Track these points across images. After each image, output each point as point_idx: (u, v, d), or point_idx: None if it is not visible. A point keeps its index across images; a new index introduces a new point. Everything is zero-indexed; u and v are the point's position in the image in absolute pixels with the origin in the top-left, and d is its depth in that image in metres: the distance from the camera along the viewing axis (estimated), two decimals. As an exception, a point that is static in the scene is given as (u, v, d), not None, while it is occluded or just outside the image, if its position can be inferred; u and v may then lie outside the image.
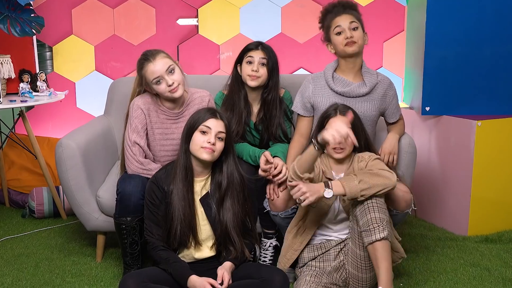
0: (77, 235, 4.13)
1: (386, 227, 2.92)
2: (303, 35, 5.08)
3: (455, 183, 4.15)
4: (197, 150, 3.10)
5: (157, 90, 3.36)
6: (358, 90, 3.51)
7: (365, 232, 2.93)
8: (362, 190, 2.94)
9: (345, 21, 3.44)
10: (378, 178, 2.99)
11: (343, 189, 2.95)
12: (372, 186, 2.95)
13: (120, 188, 3.32)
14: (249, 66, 3.58)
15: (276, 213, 3.37)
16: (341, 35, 3.45)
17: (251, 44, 3.62)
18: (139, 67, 3.40)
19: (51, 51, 4.93)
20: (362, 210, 2.96)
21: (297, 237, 3.27)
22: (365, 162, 3.19)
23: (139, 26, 4.99)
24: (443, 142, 4.22)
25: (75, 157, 3.48)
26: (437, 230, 4.23)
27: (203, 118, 3.13)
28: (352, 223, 3.07)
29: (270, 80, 3.60)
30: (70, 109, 5.06)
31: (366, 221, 2.93)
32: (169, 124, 3.47)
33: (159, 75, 3.33)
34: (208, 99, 3.58)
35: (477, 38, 4.09)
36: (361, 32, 3.47)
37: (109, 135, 4.00)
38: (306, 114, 3.60)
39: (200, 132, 3.11)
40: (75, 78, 5.02)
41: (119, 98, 4.07)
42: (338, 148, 3.18)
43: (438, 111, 4.21)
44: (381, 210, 2.95)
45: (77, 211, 3.60)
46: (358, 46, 3.46)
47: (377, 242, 2.91)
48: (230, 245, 3.15)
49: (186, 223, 3.11)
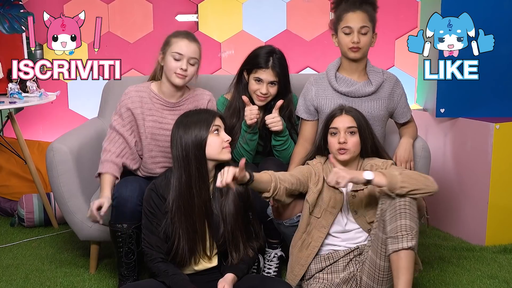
0: (69, 245, 4.14)
1: (414, 237, 2.89)
2: (310, 32, 5.09)
3: (472, 189, 4.15)
4: (219, 153, 3.11)
5: (168, 64, 3.41)
6: (364, 90, 3.51)
7: (392, 239, 2.90)
8: (402, 182, 2.92)
9: (357, 22, 3.43)
10: (421, 177, 2.99)
11: (384, 178, 2.93)
12: (413, 181, 2.94)
13: (116, 193, 3.32)
14: (257, 84, 3.57)
15: (281, 221, 3.36)
16: (348, 37, 3.45)
17: (260, 58, 3.57)
18: (173, 35, 3.48)
19: (42, 49, 4.94)
20: (392, 215, 2.93)
21: (303, 251, 3.25)
22: (381, 169, 3.18)
23: (135, 22, 5.00)
24: (459, 146, 4.22)
25: (67, 162, 3.49)
26: (452, 239, 4.24)
27: (211, 119, 3.13)
28: (377, 229, 3.04)
29: (279, 95, 3.62)
30: (62, 111, 5.07)
31: (395, 227, 2.90)
32: (164, 113, 3.49)
33: (184, 54, 3.40)
34: (209, 98, 3.60)
35: (495, 35, 4.08)
36: (369, 36, 3.46)
37: (103, 138, 4.00)
38: (310, 117, 3.61)
39: (213, 134, 3.11)
40: (67, 78, 5.03)
41: (114, 99, 4.07)
42: (342, 149, 3.18)
43: (454, 113, 4.21)
44: (413, 219, 2.92)
45: (70, 219, 3.60)
46: (362, 52, 3.47)
47: (403, 251, 2.88)
48: (232, 248, 3.15)
49: (193, 238, 3.10)
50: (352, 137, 3.20)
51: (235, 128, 3.60)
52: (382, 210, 3.00)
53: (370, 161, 3.26)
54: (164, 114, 3.49)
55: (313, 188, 3.22)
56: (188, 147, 3.08)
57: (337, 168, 3.00)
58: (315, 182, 3.24)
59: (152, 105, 3.48)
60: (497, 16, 4.08)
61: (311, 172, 3.27)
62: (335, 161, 3.15)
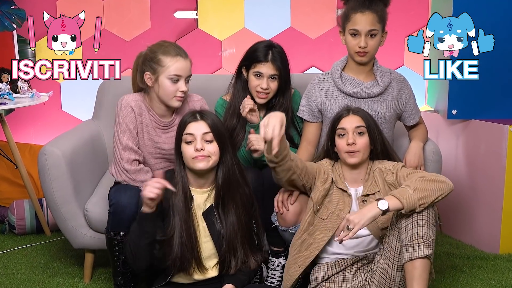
0: (62, 253, 4.15)
1: (431, 245, 2.88)
2: (315, 29, 5.09)
3: (485, 195, 4.15)
4: (190, 162, 3.11)
5: (166, 88, 3.36)
6: (370, 90, 3.52)
7: (407, 247, 2.88)
8: (420, 199, 2.88)
9: (365, 25, 3.41)
10: (434, 183, 2.96)
11: (399, 202, 2.88)
12: (429, 193, 2.92)
13: (114, 199, 3.32)
14: (257, 80, 3.58)
15: (286, 228, 3.36)
16: (355, 39, 3.44)
17: (259, 52, 3.59)
18: (162, 51, 3.39)
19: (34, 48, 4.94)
20: (408, 222, 2.91)
21: (302, 251, 3.25)
22: (392, 173, 3.18)
23: (131, 19, 5.01)
24: (472, 149, 4.23)
25: (60, 166, 3.50)
26: (465, 247, 4.24)
27: (183, 126, 3.14)
28: (391, 237, 3.02)
29: (280, 91, 3.63)
30: (54, 113, 5.08)
31: (411, 235, 2.88)
32: (158, 133, 3.48)
33: (182, 75, 3.36)
34: (200, 104, 3.57)
35: (509, 33, 4.09)
36: (378, 39, 3.46)
37: (98, 141, 4.01)
38: (313, 119, 3.61)
39: (185, 143, 3.12)
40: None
41: (109, 100, 4.09)
42: (351, 151, 3.18)
43: (466, 115, 4.22)
44: (430, 226, 2.91)
45: (63, 226, 3.61)
46: (369, 56, 3.47)
47: (418, 259, 2.86)
48: (232, 257, 3.16)
49: (189, 247, 3.12)
50: (361, 137, 3.21)
51: (237, 129, 3.61)
52: (397, 217, 2.99)
53: (379, 165, 3.26)
54: (158, 133, 3.49)
55: (320, 187, 3.23)
56: (175, 149, 3.19)
57: (348, 215, 2.92)
58: (323, 180, 3.24)
59: (149, 122, 3.47)
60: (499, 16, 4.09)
61: (320, 169, 3.27)
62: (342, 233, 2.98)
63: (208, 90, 3.78)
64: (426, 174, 3.05)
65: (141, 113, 3.44)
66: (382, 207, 2.88)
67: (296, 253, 3.27)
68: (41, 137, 5.03)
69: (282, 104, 3.64)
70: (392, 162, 3.26)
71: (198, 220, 3.18)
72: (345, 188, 3.23)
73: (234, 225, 3.15)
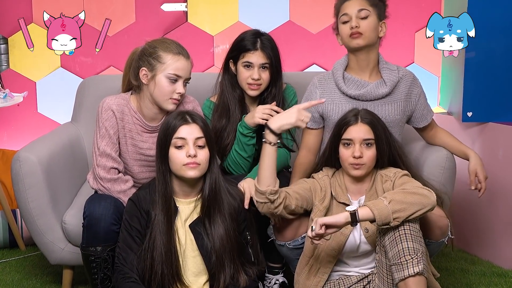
0: (38, 270, 4.15)
1: (421, 260, 2.89)
2: (316, 23, 5.10)
3: (504, 205, 4.16)
4: (180, 170, 3.12)
5: (162, 87, 3.36)
6: (377, 91, 3.51)
7: (396, 266, 2.90)
8: (394, 212, 2.89)
9: (354, 7, 3.45)
10: (413, 196, 2.95)
11: (371, 213, 2.90)
12: (406, 206, 2.92)
13: (88, 211, 3.32)
14: (247, 71, 3.59)
15: (283, 242, 3.37)
16: (347, 25, 3.47)
17: (247, 40, 3.61)
18: (162, 47, 3.39)
19: (6, 44, 4.95)
20: (392, 239, 2.93)
21: (310, 279, 3.25)
22: (391, 181, 3.19)
23: (114, 12, 5.01)
24: (489, 155, 4.23)
25: (36, 173, 3.50)
26: (481, 263, 4.25)
27: (173, 128, 3.14)
28: (379, 254, 3.05)
29: (272, 82, 3.63)
30: (29, 115, 5.08)
31: (397, 252, 2.90)
32: (145, 138, 3.48)
33: (181, 75, 3.37)
34: (193, 106, 3.57)
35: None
36: (372, 22, 3.46)
37: (78, 146, 4.02)
38: (314, 125, 3.60)
39: (175, 147, 3.13)
40: (35, 76, 5.05)
41: (89, 101, 4.09)
42: (356, 164, 3.18)
43: (483, 117, 4.23)
44: (415, 239, 2.92)
45: (39, 240, 3.61)
46: (365, 38, 3.45)
47: (410, 278, 2.87)
48: (220, 273, 3.17)
49: (169, 263, 3.14)
50: (368, 149, 3.20)
51: (227, 130, 3.61)
52: (380, 233, 3.01)
53: (381, 171, 3.27)
54: (144, 137, 3.49)
55: (319, 206, 3.23)
56: (157, 158, 3.20)
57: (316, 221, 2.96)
58: (321, 198, 3.24)
59: (133, 126, 3.46)
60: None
61: (315, 187, 3.27)
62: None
63: (198, 90, 3.78)
64: (410, 187, 3.04)
65: (123, 117, 3.44)
66: (349, 209, 2.92)
67: (305, 282, 3.26)
68: (14, 142, 5.04)
69: (275, 95, 3.64)
70: (395, 169, 3.26)
71: (185, 233, 3.19)
72: (347, 201, 3.24)
73: (222, 237, 3.16)
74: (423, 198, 2.96)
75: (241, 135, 3.51)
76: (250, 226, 3.28)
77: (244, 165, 3.56)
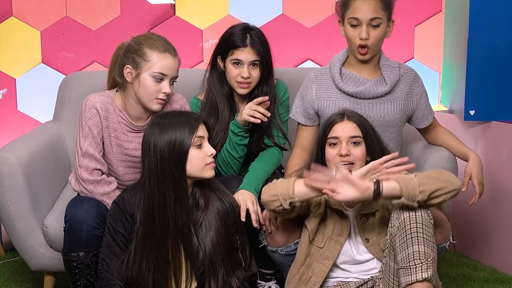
0: (18, 276, 4.15)
1: (431, 266, 2.86)
2: (311, 17, 5.10)
3: (508, 208, 4.17)
4: (202, 171, 3.15)
5: (147, 87, 3.34)
6: (376, 90, 3.51)
7: (404, 270, 2.88)
8: (421, 185, 2.86)
9: (366, 13, 3.39)
10: (438, 174, 2.95)
11: (397, 184, 2.87)
12: (432, 180, 2.89)
13: (69, 214, 3.31)
14: (236, 69, 3.57)
15: (275, 248, 3.36)
16: (355, 30, 3.43)
17: (235, 36, 3.59)
18: (148, 44, 3.36)
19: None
20: (403, 241, 2.90)
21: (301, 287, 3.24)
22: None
23: (98, 5, 5.01)
24: (492, 155, 4.25)
25: (15, 175, 3.50)
26: (484, 269, 4.25)
27: (194, 126, 3.13)
28: (387, 258, 3.03)
29: (263, 79, 3.63)
30: (8, 113, 5.08)
31: (407, 255, 2.87)
32: (130, 138, 3.47)
33: (167, 74, 3.35)
34: (180, 104, 3.57)
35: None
36: (383, 30, 3.44)
37: (60, 146, 4.02)
38: (309, 122, 3.60)
39: (196, 147, 3.13)
40: (15, 72, 5.04)
41: (72, 98, 4.09)
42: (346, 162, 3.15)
43: (486, 116, 4.24)
44: (428, 244, 2.89)
45: (19, 245, 3.61)
46: (372, 52, 3.45)
47: (418, 283, 2.85)
48: (210, 277, 3.16)
49: (160, 273, 3.13)
50: (356, 148, 3.17)
51: (216, 129, 3.60)
52: (391, 234, 2.99)
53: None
54: (130, 137, 3.48)
55: (315, 212, 3.22)
56: (164, 160, 3.11)
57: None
58: (316, 204, 3.22)
59: (118, 125, 3.45)
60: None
61: None
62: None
63: (187, 87, 3.77)
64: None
65: (107, 116, 3.42)
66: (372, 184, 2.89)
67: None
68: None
69: (266, 93, 3.62)
70: None
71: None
72: (340, 207, 3.20)
73: (213, 240, 3.16)
74: (449, 177, 2.94)
75: (233, 134, 3.51)
76: (240, 231, 3.28)
77: (234, 166, 3.56)
